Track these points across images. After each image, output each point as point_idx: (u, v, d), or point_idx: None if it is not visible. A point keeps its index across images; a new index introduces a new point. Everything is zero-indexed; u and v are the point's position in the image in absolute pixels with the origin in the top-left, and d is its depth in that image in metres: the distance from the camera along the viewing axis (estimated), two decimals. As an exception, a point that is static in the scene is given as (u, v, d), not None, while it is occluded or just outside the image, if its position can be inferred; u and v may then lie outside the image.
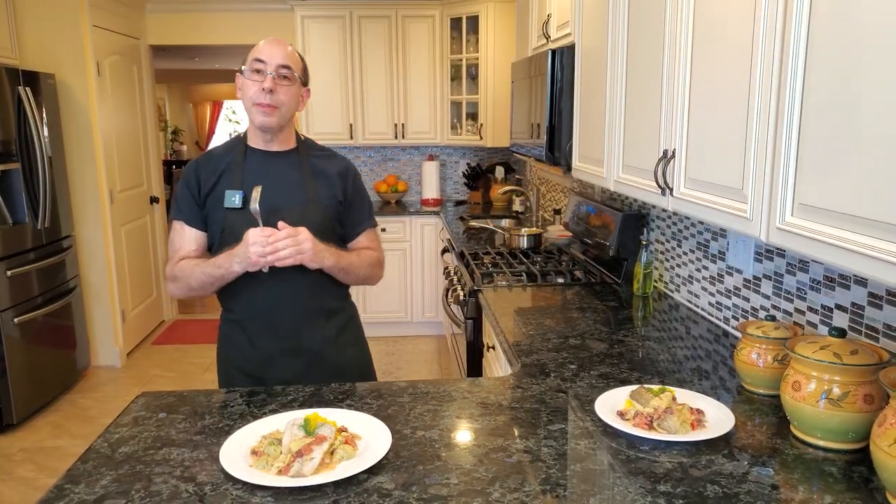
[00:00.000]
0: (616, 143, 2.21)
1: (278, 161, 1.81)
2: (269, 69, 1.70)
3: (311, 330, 1.82)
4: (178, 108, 13.23)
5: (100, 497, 1.19)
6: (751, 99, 1.37)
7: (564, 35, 2.92)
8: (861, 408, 1.26)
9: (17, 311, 3.69)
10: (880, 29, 1.00)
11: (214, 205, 1.77)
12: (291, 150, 1.84)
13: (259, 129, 1.78)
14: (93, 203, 4.52)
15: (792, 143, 1.22)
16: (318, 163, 1.85)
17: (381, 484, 1.21)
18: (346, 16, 5.10)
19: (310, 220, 1.74)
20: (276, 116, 1.74)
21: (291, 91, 1.75)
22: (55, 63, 4.33)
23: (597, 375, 1.73)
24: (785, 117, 1.24)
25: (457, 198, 5.75)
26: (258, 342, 1.81)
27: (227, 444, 1.33)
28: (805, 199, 1.20)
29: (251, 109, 1.74)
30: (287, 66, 1.72)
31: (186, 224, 1.80)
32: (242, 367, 1.83)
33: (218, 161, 1.81)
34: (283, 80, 1.72)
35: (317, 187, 1.80)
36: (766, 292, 1.90)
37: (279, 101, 1.72)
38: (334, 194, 1.83)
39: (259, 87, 1.70)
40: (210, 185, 1.77)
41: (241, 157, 1.80)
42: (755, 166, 1.36)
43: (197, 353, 4.90)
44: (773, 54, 1.27)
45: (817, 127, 1.16)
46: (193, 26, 5.35)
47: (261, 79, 1.71)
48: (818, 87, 1.15)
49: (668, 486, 1.19)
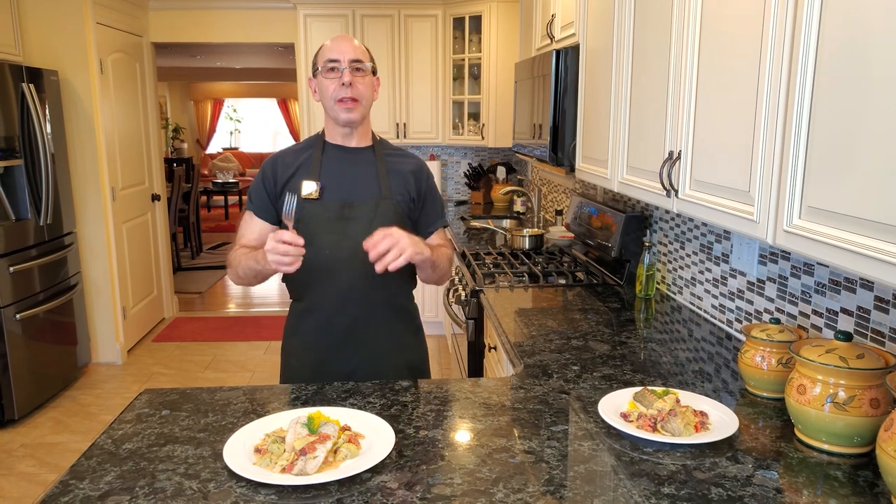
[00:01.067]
0: (620, 144, 2.20)
1: (356, 156, 1.86)
2: (344, 65, 1.75)
3: (372, 324, 1.84)
4: (180, 106, 13.24)
5: (104, 493, 1.19)
6: (759, 100, 1.36)
7: (569, 35, 2.92)
8: (867, 412, 1.26)
9: (18, 308, 3.69)
10: (890, 32, 0.99)
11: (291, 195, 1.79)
12: (368, 146, 1.88)
13: (343, 126, 1.82)
14: (95, 200, 4.52)
15: (800, 145, 1.22)
16: (393, 161, 1.88)
17: (384, 483, 1.21)
18: (348, 14, 5.10)
19: (382, 214, 1.79)
20: (358, 110, 1.79)
21: (367, 81, 1.80)
22: (58, 60, 4.33)
23: (599, 377, 1.72)
24: (794, 118, 1.23)
25: (458, 198, 5.75)
26: (321, 332, 1.84)
27: (230, 441, 1.33)
28: (813, 201, 1.19)
29: (333, 107, 1.79)
30: (359, 59, 1.78)
31: (255, 215, 1.85)
32: (303, 358, 1.87)
33: (297, 155, 1.86)
34: (358, 72, 1.77)
35: (391, 183, 1.83)
36: (770, 295, 1.89)
37: (359, 94, 1.77)
38: (408, 191, 1.86)
39: (338, 84, 1.75)
40: (287, 177, 1.82)
41: (319, 153, 1.84)
42: (763, 168, 1.36)
43: (197, 351, 4.90)
44: (783, 54, 1.27)
45: (826, 128, 1.15)
46: (196, 24, 5.35)
47: (337, 76, 1.76)
48: (828, 89, 1.15)
49: (672, 489, 1.19)
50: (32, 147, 3.87)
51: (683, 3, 1.72)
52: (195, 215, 8.14)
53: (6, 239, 3.64)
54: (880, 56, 1.02)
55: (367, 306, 1.82)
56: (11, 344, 3.63)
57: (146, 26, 5.29)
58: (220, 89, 13.80)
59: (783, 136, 1.28)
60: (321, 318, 1.83)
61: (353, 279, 1.77)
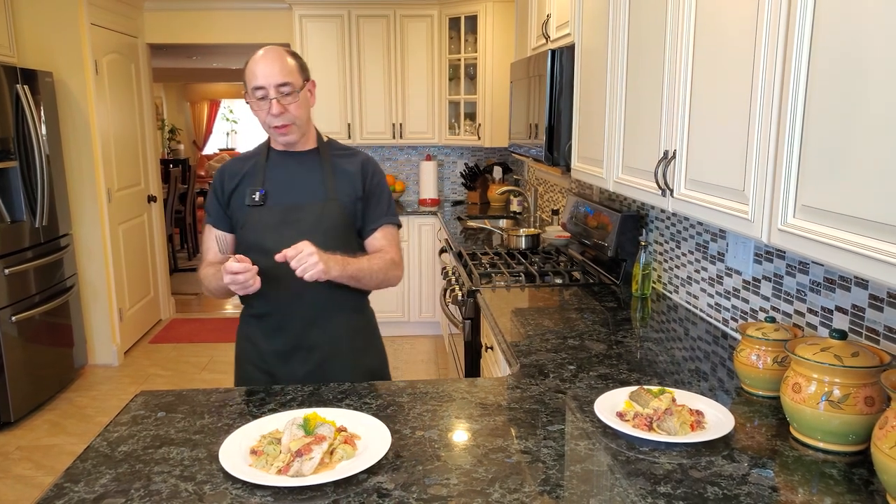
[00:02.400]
0: (616, 144, 2.21)
1: (301, 159, 1.86)
2: (271, 94, 1.71)
3: (326, 328, 1.84)
4: (176, 107, 13.21)
5: (99, 496, 1.18)
6: (753, 99, 1.37)
7: (564, 35, 2.92)
8: (862, 410, 1.26)
9: (14, 310, 3.68)
10: (883, 30, 1.00)
11: (238, 204, 1.83)
12: (313, 149, 1.88)
13: (283, 146, 1.84)
14: (90, 201, 4.50)
15: (794, 144, 1.22)
16: (339, 161, 1.87)
17: (380, 484, 1.21)
18: (344, 15, 5.10)
19: (329, 216, 1.79)
20: (295, 132, 1.79)
21: (299, 101, 1.76)
22: (53, 61, 4.32)
23: (596, 376, 1.72)
24: (788, 118, 1.24)
25: (454, 198, 5.75)
26: (274, 338, 1.84)
27: (226, 443, 1.33)
28: (807, 200, 1.20)
29: (270, 132, 1.81)
30: (285, 83, 1.71)
31: (213, 227, 1.88)
32: (257, 363, 1.86)
33: (243, 164, 1.87)
34: (287, 96, 1.73)
35: (336, 185, 1.83)
36: (765, 294, 1.90)
37: (291, 118, 1.76)
38: (354, 191, 1.84)
39: (267, 112, 1.74)
40: (234, 185, 1.84)
41: (263, 159, 1.85)
42: (757, 167, 1.36)
43: (194, 352, 4.89)
44: (776, 54, 1.27)
45: (820, 127, 1.16)
46: (191, 25, 5.34)
47: (266, 105, 1.73)
48: (822, 88, 1.15)
49: (668, 488, 1.19)
50: (27, 149, 3.86)
51: (678, 3, 1.72)
52: (192, 216, 8.12)
53: (2, 241, 3.63)
54: (873, 54, 1.02)
55: (317, 310, 1.81)
56: (7, 346, 3.61)
57: (141, 27, 5.28)
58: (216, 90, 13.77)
59: (777, 135, 1.28)
60: (272, 323, 1.83)
61: (302, 283, 1.65)
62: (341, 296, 1.82)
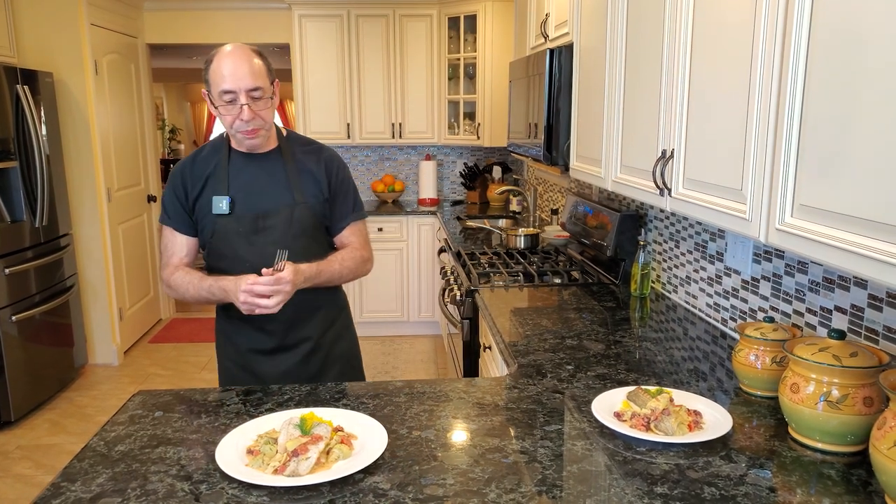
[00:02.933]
0: (614, 143, 2.20)
1: (262, 163, 1.80)
2: (241, 98, 1.64)
3: (304, 324, 1.87)
4: (176, 107, 13.21)
5: (96, 495, 1.18)
6: (751, 98, 1.36)
7: (562, 34, 2.92)
8: (860, 410, 1.26)
9: (14, 309, 3.68)
10: (882, 29, 0.99)
11: (203, 210, 1.79)
12: (274, 149, 1.83)
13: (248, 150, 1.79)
14: (90, 201, 4.51)
15: (792, 144, 1.22)
16: (303, 159, 1.84)
17: (377, 484, 1.21)
18: (343, 14, 5.10)
19: (298, 221, 1.78)
20: (263, 136, 1.75)
21: (268, 104, 1.72)
22: (53, 61, 4.32)
23: (594, 376, 1.72)
24: (785, 117, 1.23)
25: (454, 197, 5.75)
26: (253, 338, 1.86)
27: (223, 442, 1.33)
28: (805, 199, 1.19)
29: (235, 135, 1.74)
30: (257, 87, 1.66)
31: (176, 231, 1.83)
32: (239, 361, 1.89)
33: (203, 165, 1.81)
34: (258, 101, 1.68)
35: (302, 186, 1.80)
36: (764, 293, 1.89)
37: (261, 123, 1.71)
38: (320, 191, 1.82)
39: (235, 118, 1.67)
40: (197, 191, 1.79)
41: (225, 161, 1.79)
42: (755, 167, 1.35)
43: (194, 352, 4.89)
44: (774, 53, 1.27)
45: (818, 126, 1.15)
46: (191, 25, 5.34)
47: (235, 110, 1.66)
48: (820, 87, 1.15)
49: (665, 488, 1.19)
50: (27, 149, 3.86)
51: (676, 3, 1.71)
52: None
53: (1, 241, 3.63)
54: (872, 54, 1.02)
55: (297, 311, 1.81)
56: (8, 345, 3.62)
57: (141, 27, 5.28)
58: (216, 90, 13.76)
59: (775, 135, 1.28)
60: (252, 328, 1.84)
61: None
62: (320, 295, 1.86)
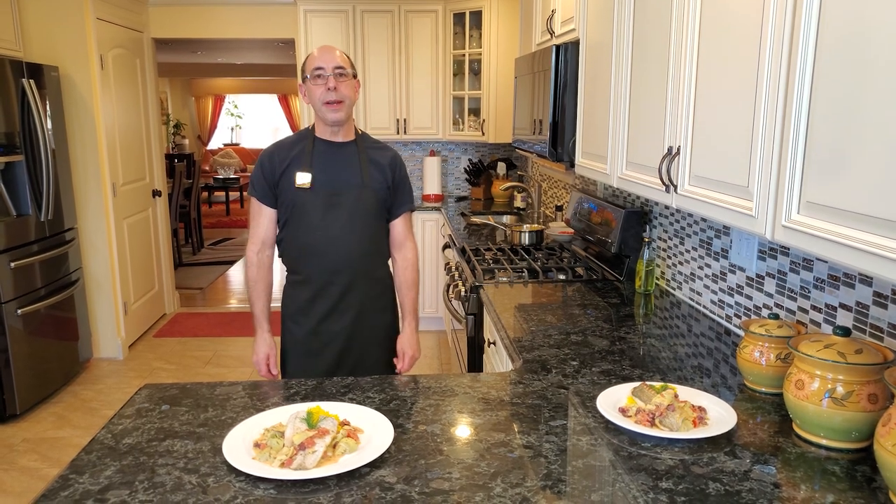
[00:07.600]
0: (620, 140, 2.20)
1: (341, 150, 2.14)
2: (328, 72, 2.03)
3: (359, 290, 2.15)
4: (181, 102, 13.23)
5: (104, 487, 1.19)
6: (758, 95, 1.36)
7: (569, 31, 2.92)
8: (865, 407, 1.26)
9: (20, 303, 3.70)
10: (889, 28, 0.99)
11: (286, 185, 2.08)
12: (351, 141, 2.16)
13: (331, 125, 2.10)
14: (95, 196, 4.52)
15: (799, 141, 1.22)
16: (373, 153, 2.17)
17: (383, 477, 1.21)
18: (348, 10, 5.09)
19: (364, 201, 2.11)
20: (343, 110, 2.07)
21: (349, 84, 2.07)
22: (59, 56, 4.33)
23: (598, 372, 1.73)
24: (793, 114, 1.23)
25: (458, 194, 5.75)
26: (316, 300, 2.14)
27: (229, 436, 1.33)
28: (812, 196, 1.19)
29: (321, 109, 2.07)
30: (341, 66, 2.05)
31: (261, 202, 2.13)
32: (300, 321, 2.17)
33: (290, 149, 2.13)
34: (341, 77, 2.04)
35: (371, 174, 2.13)
36: (769, 290, 1.89)
37: (343, 95, 2.05)
38: (385, 180, 2.16)
39: (324, 88, 2.03)
40: (283, 168, 2.09)
41: (310, 146, 2.12)
42: (761, 163, 1.36)
43: (199, 346, 4.90)
44: (782, 49, 1.27)
45: (825, 123, 1.15)
46: (196, 19, 5.34)
47: (323, 82, 2.03)
48: (827, 84, 1.15)
49: (670, 483, 1.19)
50: (33, 143, 3.87)
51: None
52: (196, 211, 8.13)
53: (7, 235, 3.64)
54: (880, 51, 1.01)
55: (352, 277, 2.13)
56: (13, 339, 3.63)
57: (146, 22, 5.28)
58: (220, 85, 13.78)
59: (782, 132, 1.28)
60: (314, 288, 2.14)
61: (340, 255, 2.09)
62: (370, 266, 2.17)
